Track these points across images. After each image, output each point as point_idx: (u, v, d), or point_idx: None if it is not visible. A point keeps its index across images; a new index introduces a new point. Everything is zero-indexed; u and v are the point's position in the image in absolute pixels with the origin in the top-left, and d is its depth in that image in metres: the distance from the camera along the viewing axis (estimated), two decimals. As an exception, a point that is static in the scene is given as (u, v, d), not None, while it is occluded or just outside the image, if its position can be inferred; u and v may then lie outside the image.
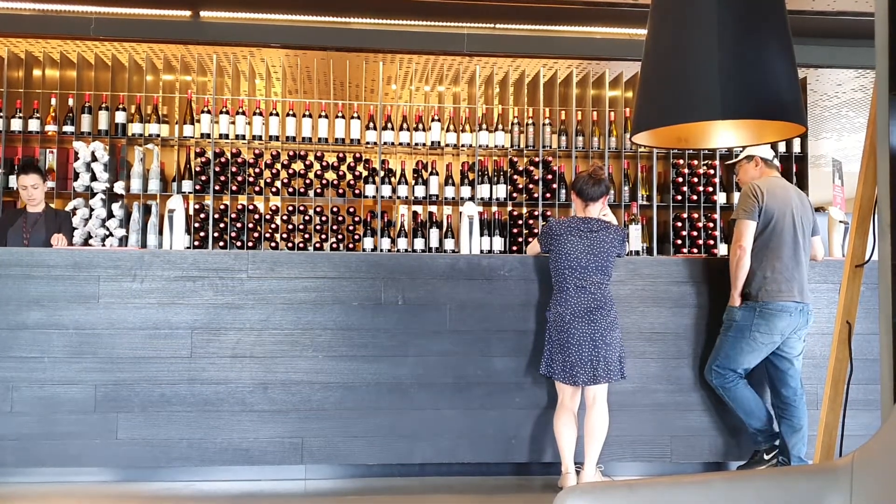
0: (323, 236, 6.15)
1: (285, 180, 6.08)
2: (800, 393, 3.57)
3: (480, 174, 6.19)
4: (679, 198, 6.31)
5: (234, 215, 6.06)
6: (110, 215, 5.83)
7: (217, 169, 5.99)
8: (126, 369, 3.54)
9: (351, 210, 6.24)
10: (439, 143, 6.19)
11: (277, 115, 6.22)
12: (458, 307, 3.70)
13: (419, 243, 6.16)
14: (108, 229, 5.79)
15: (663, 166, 6.48)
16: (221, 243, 6.06)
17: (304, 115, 6.14)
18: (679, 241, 6.28)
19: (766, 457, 3.61)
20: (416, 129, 6.21)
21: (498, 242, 6.17)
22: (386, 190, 6.13)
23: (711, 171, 6.36)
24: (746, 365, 3.54)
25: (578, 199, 3.62)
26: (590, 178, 3.60)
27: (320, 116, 6.13)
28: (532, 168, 6.26)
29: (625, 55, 6.14)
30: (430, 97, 7.01)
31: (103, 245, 5.75)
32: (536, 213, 6.21)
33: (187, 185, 6.02)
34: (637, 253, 5.58)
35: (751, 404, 3.56)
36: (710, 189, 6.32)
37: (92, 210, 5.77)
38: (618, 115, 6.32)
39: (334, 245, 6.15)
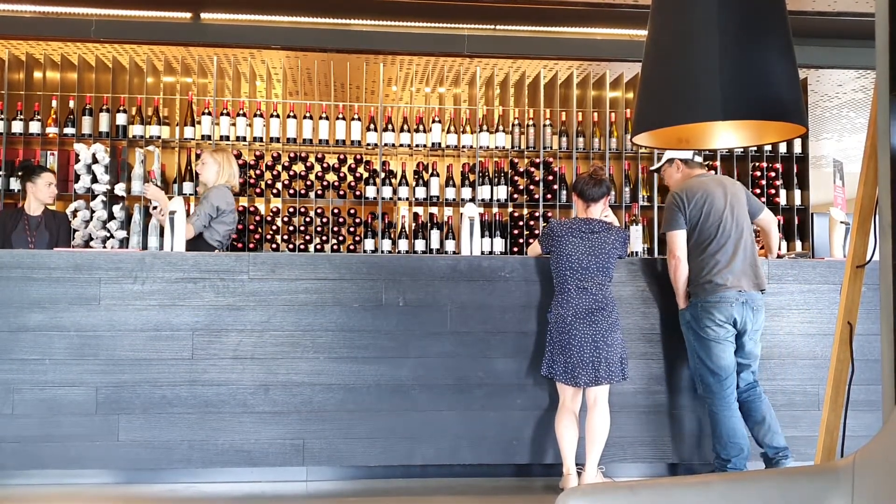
0: (324, 238, 6.15)
1: (286, 182, 6.09)
2: (750, 390, 3.55)
3: (481, 175, 6.19)
4: (680, 199, 6.30)
5: (236, 217, 6.06)
6: (111, 217, 5.84)
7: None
8: (127, 371, 3.54)
9: (352, 211, 6.24)
10: (440, 144, 6.19)
11: (278, 116, 6.23)
12: (458, 308, 3.70)
13: (420, 245, 6.16)
14: (108, 231, 5.80)
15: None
16: (222, 245, 6.06)
17: (304, 117, 6.15)
18: (680, 242, 6.27)
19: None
20: (417, 131, 6.21)
21: (499, 244, 6.17)
22: (387, 191, 6.13)
23: (712, 172, 6.34)
24: (720, 363, 3.47)
25: (579, 200, 3.62)
26: (590, 178, 3.60)
27: (321, 118, 6.13)
28: (533, 169, 6.26)
29: (625, 56, 6.14)
30: (430, 98, 7.01)
31: (104, 247, 5.76)
32: (537, 214, 6.20)
33: (188, 187, 6.03)
34: (636, 254, 5.58)
35: (726, 434, 3.49)
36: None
37: (93, 212, 5.79)
38: (618, 116, 6.32)
39: (335, 246, 6.15)
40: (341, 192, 6.16)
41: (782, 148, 6.48)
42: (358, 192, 6.17)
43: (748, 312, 3.48)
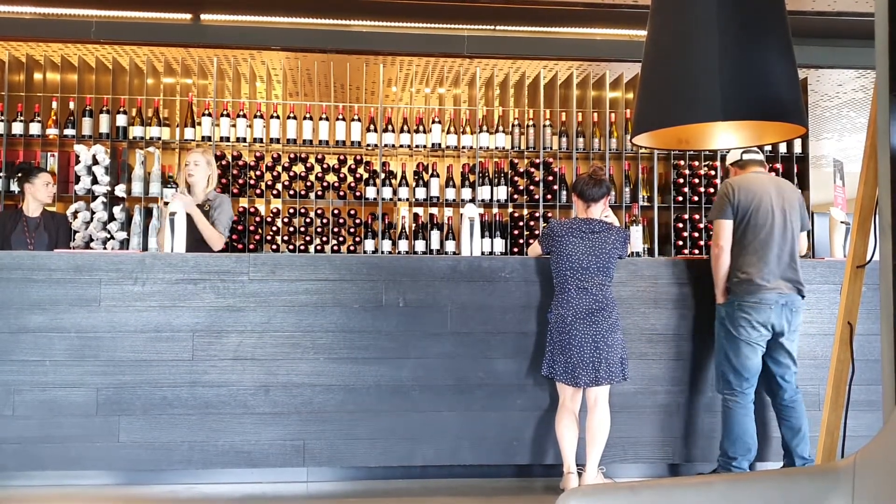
0: (324, 238, 6.15)
1: (286, 183, 6.09)
2: (791, 394, 3.55)
3: (481, 176, 6.19)
4: (680, 199, 6.30)
5: (235, 218, 6.06)
6: (111, 218, 5.84)
7: (218, 172, 5.99)
8: (127, 372, 3.54)
9: (352, 212, 6.24)
10: (440, 144, 6.19)
11: (278, 117, 6.23)
12: (459, 309, 3.70)
13: (420, 245, 6.16)
14: (109, 232, 5.80)
15: (664, 167, 6.47)
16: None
17: (304, 118, 6.15)
18: (680, 243, 6.27)
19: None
20: (417, 131, 6.21)
21: (499, 244, 6.17)
22: (387, 192, 6.13)
23: (713, 172, 6.35)
24: (746, 363, 3.47)
25: (580, 200, 3.62)
26: (590, 179, 3.60)
27: (321, 119, 6.13)
28: (533, 170, 6.26)
29: (625, 56, 6.14)
30: (430, 99, 7.01)
31: (104, 248, 5.76)
32: (537, 214, 6.20)
33: (188, 188, 6.02)
34: (638, 254, 5.58)
35: (736, 432, 3.50)
36: (712, 190, 6.31)
37: (93, 213, 5.79)
38: (618, 117, 6.32)
39: (335, 247, 6.15)
40: (341, 193, 6.16)
41: (782, 148, 6.47)
42: (358, 193, 6.17)
43: (787, 314, 3.48)
